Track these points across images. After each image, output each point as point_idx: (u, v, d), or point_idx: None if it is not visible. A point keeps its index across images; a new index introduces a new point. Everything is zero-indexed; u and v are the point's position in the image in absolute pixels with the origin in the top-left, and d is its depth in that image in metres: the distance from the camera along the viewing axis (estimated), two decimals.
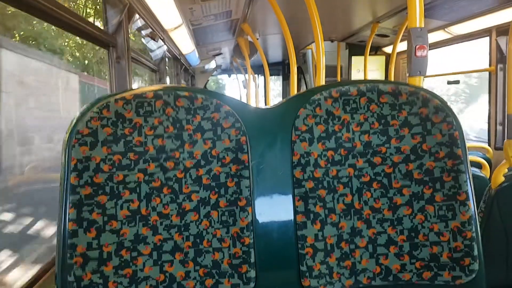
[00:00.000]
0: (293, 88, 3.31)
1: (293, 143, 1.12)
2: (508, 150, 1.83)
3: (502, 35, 3.19)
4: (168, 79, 4.81)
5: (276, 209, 1.11)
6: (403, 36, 4.08)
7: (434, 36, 3.97)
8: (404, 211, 1.12)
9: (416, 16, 1.45)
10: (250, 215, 1.08)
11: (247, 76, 7.65)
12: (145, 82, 4.90)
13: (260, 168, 1.12)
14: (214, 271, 1.07)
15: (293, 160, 1.12)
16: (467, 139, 1.15)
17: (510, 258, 1.62)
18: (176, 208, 1.07)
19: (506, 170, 1.74)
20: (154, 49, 4.15)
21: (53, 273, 1.03)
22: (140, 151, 1.06)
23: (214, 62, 7.47)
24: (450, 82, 3.90)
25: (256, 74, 8.28)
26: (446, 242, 1.10)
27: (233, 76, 10.41)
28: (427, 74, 1.51)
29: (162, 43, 3.84)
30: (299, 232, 1.10)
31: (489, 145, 3.32)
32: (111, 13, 2.39)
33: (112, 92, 2.40)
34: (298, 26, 3.92)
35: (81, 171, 1.01)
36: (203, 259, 1.07)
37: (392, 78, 4.64)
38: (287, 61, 8.20)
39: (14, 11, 1.81)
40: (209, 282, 1.06)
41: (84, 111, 1.04)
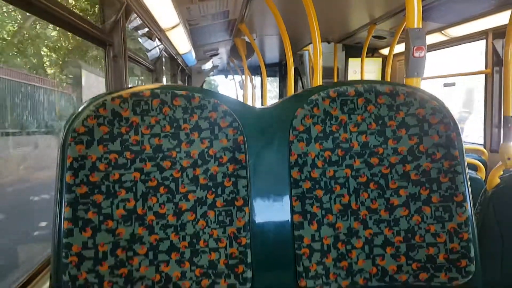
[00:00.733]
0: (290, 89, 3.31)
1: (291, 143, 1.12)
2: (503, 152, 1.83)
3: (498, 38, 3.20)
4: (164, 79, 4.80)
5: (273, 209, 1.11)
6: (400, 38, 4.09)
7: (430, 38, 3.98)
8: (401, 212, 1.12)
9: (414, 17, 1.45)
10: (247, 215, 1.08)
11: (243, 77, 7.64)
12: (141, 82, 4.88)
13: (257, 168, 1.11)
14: (210, 271, 1.06)
15: (290, 160, 1.11)
16: (464, 141, 1.15)
17: (505, 260, 1.62)
18: (172, 208, 1.06)
19: (502, 172, 1.74)
20: (150, 48, 4.13)
21: (48, 272, 1.02)
22: (137, 150, 1.05)
23: (211, 62, 7.46)
24: (446, 85, 3.92)
25: (253, 75, 8.28)
26: (442, 243, 1.10)
27: (229, 76, 10.41)
28: (424, 76, 1.51)
29: (159, 42, 3.83)
30: (295, 233, 1.10)
31: (485, 148, 3.33)
32: (108, 11, 2.38)
33: (108, 90, 2.39)
34: (296, 27, 3.93)
35: (77, 169, 1.00)
36: (199, 259, 1.06)
37: (389, 80, 4.65)
38: (284, 62, 8.20)
39: None
40: (205, 282, 1.06)
41: (80, 109, 1.03)
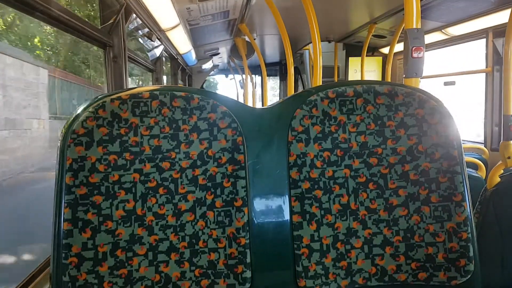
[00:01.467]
0: (290, 89, 3.31)
1: (290, 143, 1.12)
2: (504, 151, 1.83)
3: (498, 37, 3.20)
4: (165, 78, 4.80)
5: (272, 209, 1.11)
6: (400, 37, 4.09)
7: (431, 37, 3.98)
8: (400, 212, 1.12)
9: (413, 17, 1.46)
10: (246, 216, 1.08)
11: (244, 76, 7.64)
12: (142, 81, 4.88)
13: (257, 168, 1.11)
14: (209, 271, 1.07)
15: (289, 161, 1.12)
16: (463, 140, 1.15)
17: (505, 259, 1.62)
18: (172, 209, 1.07)
19: (502, 171, 1.74)
20: (150, 48, 4.14)
21: (48, 273, 1.02)
22: (136, 151, 1.06)
23: (211, 62, 7.46)
24: (446, 83, 3.91)
25: (253, 74, 8.28)
26: (441, 243, 1.10)
27: (229, 76, 10.42)
28: (423, 75, 1.52)
29: (159, 42, 3.83)
30: (295, 233, 1.10)
31: (485, 146, 3.34)
32: (108, 12, 2.38)
33: (108, 91, 2.40)
34: (296, 27, 3.92)
35: (76, 171, 1.01)
36: (199, 260, 1.07)
37: (389, 79, 4.65)
38: (284, 62, 8.19)
39: None
40: (205, 282, 1.06)
41: (79, 111, 1.03)
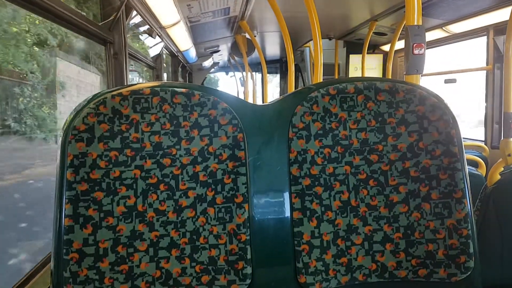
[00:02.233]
0: (291, 86, 3.31)
1: (290, 140, 1.12)
2: (504, 148, 1.84)
3: (499, 34, 3.20)
4: (165, 75, 4.80)
5: (272, 206, 1.11)
6: (400, 34, 4.08)
7: (431, 35, 3.97)
8: (400, 209, 1.12)
9: (414, 14, 1.45)
10: (246, 212, 1.08)
11: (244, 73, 7.64)
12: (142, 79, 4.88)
13: (257, 165, 1.12)
14: (210, 267, 1.07)
15: (290, 157, 1.12)
16: (464, 137, 1.15)
17: (505, 256, 1.63)
18: (172, 205, 1.07)
19: (502, 169, 1.74)
20: (151, 45, 4.13)
21: (49, 269, 1.02)
22: (137, 148, 1.06)
23: (211, 59, 7.45)
24: (447, 81, 3.91)
25: (254, 72, 8.27)
26: (441, 239, 1.10)
27: (230, 73, 10.41)
28: (424, 73, 1.52)
29: (160, 39, 3.83)
30: (295, 229, 1.10)
31: (486, 144, 3.33)
32: (108, 9, 2.38)
33: (109, 88, 2.39)
34: (296, 24, 3.92)
35: (77, 167, 1.01)
36: (200, 256, 1.07)
37: (390, 76, 4.64)
38: (285, 59, 8.18)
39: None
40: (205, 278, 1.06)
41: (80, 107, 1.04)
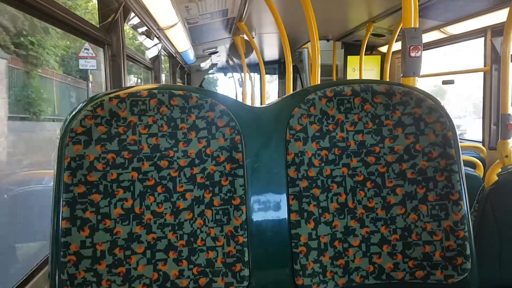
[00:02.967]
0: (289, 87, 3.31)
1: (288, 142, 1.12)
2: (501, 150, 1.84)
3: (497, 36, 3.21)
4: (163, 77, 4.80)
5: (270, 208, 1.12)
6: (398, 36, 4.09)
7: (429, 36, 3.98)
8: (397, 211, 1.12)
9: (410, 17, 1.46)
10: (244, 214, 1.08)
11: (243, 74, 7.64)
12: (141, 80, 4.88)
13: (255, 167, 1.12)
14: (208, 269, 1.07)
15: (287, 159, 1.12)
16: (461, 139, 1.16)
17: (503, 257, 1.63)
18: (170, 207, 1.07)
19: (500, 170, 1.75)
20: (149, 47, 4.13)
21: (47, 271, 1.02)
22: (134, 150, 1.06)
23: (210, 60, 7.46)
24: (444, 82, 3.92)
25: (252, 73, 8.27)
26: (438, 241, 1.10)
27: (228, 74, 10.42)
28: (421, 74, 1.52)
29: (158, 41, 3.83)
30: (292, 231, 1.10)
31: (483, 145, 3.34)
32: (106, 11, 2.38)
33: (107, 90, 2.39)
34: (294, 25, 3.92)
35: (74, 169, 1.01)
36: (197, 258, 1.07)
37: (387, 77, 4.65)
38: (283, 60, 8.17)
39: None
40: (203, 280, 1.06)
41: (78, 109, 1.04)
